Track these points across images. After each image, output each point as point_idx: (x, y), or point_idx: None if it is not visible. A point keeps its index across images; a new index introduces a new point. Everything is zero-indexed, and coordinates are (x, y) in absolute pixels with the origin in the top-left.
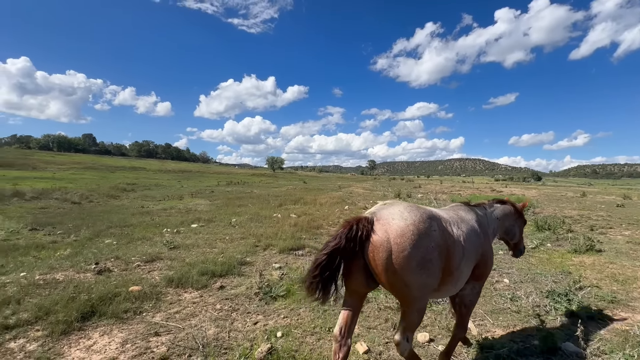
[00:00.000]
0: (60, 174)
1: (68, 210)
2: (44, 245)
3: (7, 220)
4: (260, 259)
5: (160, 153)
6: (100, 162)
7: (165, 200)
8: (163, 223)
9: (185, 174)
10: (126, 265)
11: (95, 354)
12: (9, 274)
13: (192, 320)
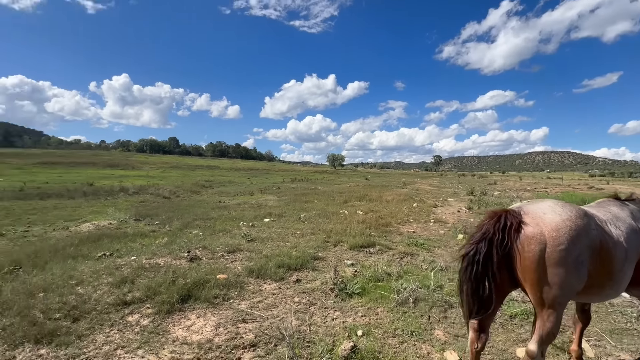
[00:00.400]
0: (153, 172)
1: (161, 204)
2: (146, 233)
3: (117, 211)
4: (332, 254)
5: (231, 152)
6: (182, 162)
7: (238, 195)
8: (239, 217)
9: (253, 171)
10: (212, 255)
11: (194, 334)
12: (122, 257)
13: (273, 310)
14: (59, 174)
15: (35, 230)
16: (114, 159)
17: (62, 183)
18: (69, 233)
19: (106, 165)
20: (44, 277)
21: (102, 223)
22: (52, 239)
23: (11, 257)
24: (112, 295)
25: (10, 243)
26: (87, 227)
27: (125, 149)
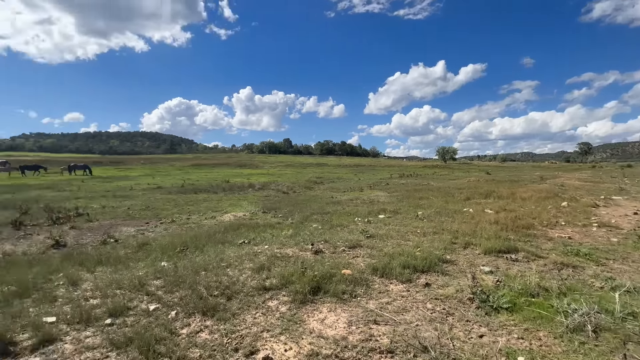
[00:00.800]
0: (272, 170)
1: (281, 199)
2: (273, 225)
3: (249, 204)
4: (462, 258)
5: (337, 150)
6: (295, 161)
7: (349, 191)
8: (353, 212)
9: (359, 167)
10: (334, 249)
11: (328, 328)
12: (258, 245)
13: (405, 315)
14: (205, 173)
15: (194, 219)
16: (242, 159)
17: (207, 180)
18: (215, 222)
19: (237, 165)
20: (203, 258)
21: (238, 214)
22: (204, 226)
23: (181, 239)
24: (254, 280)
25: (178, 228)
26: (228, 218)
27: (250, 150)
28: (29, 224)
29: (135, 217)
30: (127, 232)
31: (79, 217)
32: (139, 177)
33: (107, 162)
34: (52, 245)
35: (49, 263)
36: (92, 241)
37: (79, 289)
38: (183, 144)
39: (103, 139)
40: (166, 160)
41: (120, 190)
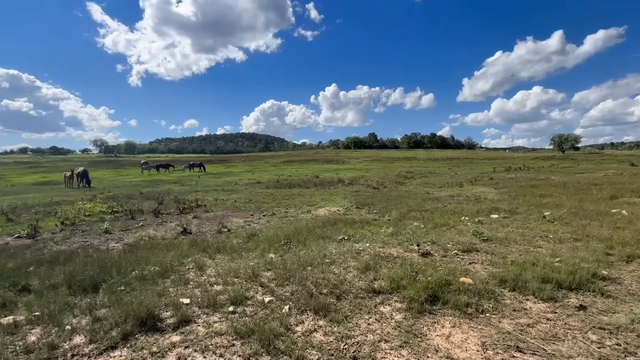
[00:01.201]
0: (359, 165)
1: (372, 194)
2: (369, 221)
3: (341, 199)
4: (628, 275)
5: (426, 143)
6: (380, 155)
7: (446, 187)
8: (458, 210)
9: (453, 161)
10: (445, 252)
11: (456, 348)
12: (358, 242)
13: (558, 345)
14: (296, 168)
15: (291, 212)
16: (328, 155)
17: (298, 176)
18: (312, 216)
19: (324, 160)
20: (307, 252)
21: (332, 209)
22: (302, 220)
23: (284, 232)
24: (360, 280)
25: (279, 221)
26: (323, 212)
27: (335, 146)
28: (164, 212)
29: (241, 209)
30: (237, 223)
31: (198, 207)
32: (241, 173)
33: (216, 160)
34: (181, 232)
35: (180, 248)
36: (209, 230)
37: (204, 274)
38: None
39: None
40: (262, 157)
41: (227, 185)
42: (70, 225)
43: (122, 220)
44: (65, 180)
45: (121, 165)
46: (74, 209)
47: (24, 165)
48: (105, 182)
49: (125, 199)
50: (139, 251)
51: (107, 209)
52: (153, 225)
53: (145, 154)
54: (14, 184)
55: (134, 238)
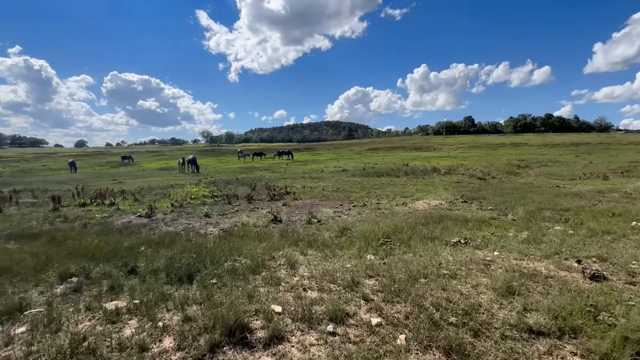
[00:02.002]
0: (453, 153)
1: (479, 186)
2: (487, 220)
3: (442, 191)
4: None
5: (539, 126)
6: (479, 141)
7: (581, 179)
8: (619, 212)
9: (580, 147)
10: (629, 276)
11: None
12: (480, 248)
13: None
14: (382, 156)
15: (384, 204)
16: (417, 142)
17: (385, 164)
18: (408, 209)
19: (412, 148)
20: (415, 257)
21: (432, 202)
22: (397, 213)
23: (380, 228)
24: (503, 308)
25: (371, 213)
26: (422, 206)
27: (424, 132)
28: (256, 198)
29: (330, 197)
30: (326, 213)
31: (287, 194)
32: (326, 160)
33: (302, 148)
34: (271, 220)
35: (271, 239)
36: (299, 219)
37: (296, 274)
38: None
39: (298, 130)
40: (346, 145)
41: (314, 173)
42: (179, 207)
43: (220, 204)
44: (179, 166)
45: (222, 153)
46: (183, 192)
47: (152, 154)
48: (209, 169)
49: (224, 184)
50: (233, 239)
51: (209, 193)
52: (246, 211)
53: (241, 144)
54: (144, 169)
55: (229, 223)
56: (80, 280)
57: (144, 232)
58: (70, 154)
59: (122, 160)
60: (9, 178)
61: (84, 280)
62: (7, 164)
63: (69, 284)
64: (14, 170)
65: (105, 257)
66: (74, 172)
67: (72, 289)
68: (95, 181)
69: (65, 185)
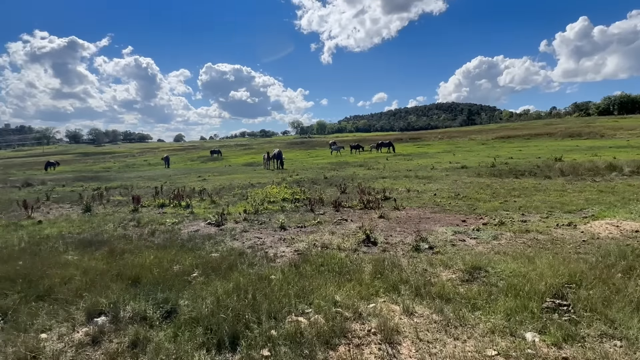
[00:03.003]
0: (634, 140)
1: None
2: None
3: (637, 204)
4: None
5: None
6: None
7: None
8: None
9: None
10: None
11: None
12: None
13: None
14: (518, 147)
15: (533, 222)
16: (571, 126)
17: (525, 158)
18: (581, 235)
19: (565, 135)
20: (624, 351)
21: (624, 225)
22: (564, 242)
23: (542, 273)
24: None
25: (516, 237)
26: (606, 230)
27: (583, 112)
28: (346, 204)
29: (445, 208)
30: (442, 234)
31: (386, 201)
32: (438, 154)
33: (406, 139)
34: (362, 241)
35: (359, 275)
36: (401, 242)
37: (396, 357)
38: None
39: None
40: (464, 133)
41: (422, 170)
42: (253, 213)
43: (300, 211)
44: (264, 162)
45: (312, 145)
46: (262, 193)
47: (240, 147)
48: (296, 164)
49: (309, 183)
50: (306, 269)
51: (290, 195)
52: (331, 224)
53: (334, 134)
54: (231, 164)
55: (306, 242)
56: (104, 323)
57: (206, 246)
58: (169, 149)
59: (211, 155)
60: (114, 173)
61: (108, 325)
62: (117, 159)
63: (92, 326)
64: (121, 165)
65: (149, 285)
66: (167, 167)
67: (91, 337)
68: (182, 178)
69: (155, 181)
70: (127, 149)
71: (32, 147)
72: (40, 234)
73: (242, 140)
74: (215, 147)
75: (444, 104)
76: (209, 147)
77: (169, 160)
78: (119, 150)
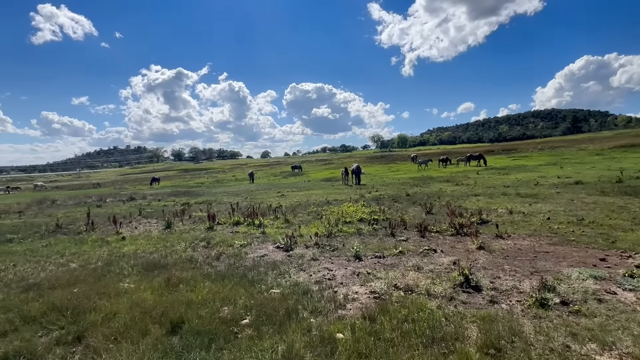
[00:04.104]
0: None
1: None
2: None
3: None
4: None
5: None
6: None
7: None
8: None
9: None
10: None
11: None
12: None
13: None
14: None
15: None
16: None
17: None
18: None
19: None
20: None
21: None
22: None
23: None
24: None
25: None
26: None
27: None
28: (433, 229)
29: (569, 238)
30: (576, 279)
31: (483, 225)
32: (540, 167)
33: (498, 150)
34: (459, 284)
35: (463, 344)
36: (515, 287)
37: None
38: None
39: (492, 126)
40: (571, 142)
41: (522, 186)
42: (326, 236)
43: (379, 235)
44: (342, 177)
45: (393, 160)
46: (338, 212)
47: (321, 163)
48: (376, 179)
49: (390, 201)
50: (383, 329)
51: (368, 215)
52: (416, 255)
53: (415, 147)
54: (310, 179)
55: (385, 280)
56: None
57: (269, 278)
58: (255, 165)
59: (292, 170)
60: (204, 188)
61: None
62: (211, 174)
63: None
64: (212, 180)
65: (188, 334)
66: (251, 182)
67: None
68: (262, 193)
69: (237, 197)
70: (220, 165)
71: (146, 165)
72: (119, 251)
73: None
74: (297, 163)
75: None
76: (292, 162)
77: (253, 176)
78: (214, 166)
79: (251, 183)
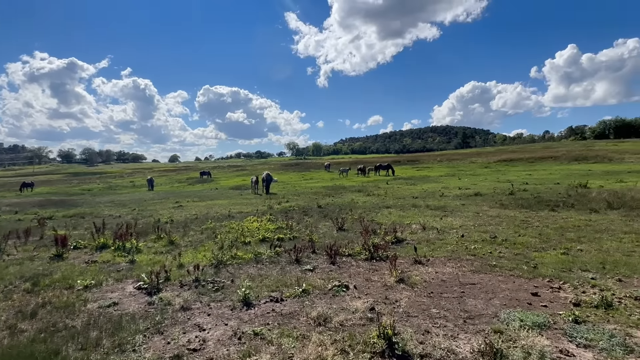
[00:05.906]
0: None
1: None
2: None
3: None
4: None
5: None
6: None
7: None
8: None
9: None
10: None
11: None
12: None
13: None
14: (526, 171)
15: (626, 300)
16: (572, 149)
17: (541, 183)
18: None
19: (570, 158)
20: None
21: None
22: None
23: None
24: None
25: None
26: None
27: (579, 136)
28: (345, 252)
29: (490, 262)
30: (519, 328)
31: (398, 245)
32: (441, 177)
33: (404, 161)
34: (381, 353)
35: None
36: (450, 349)
37: None
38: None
39: (397, 138)
40: (464, 155)
41: (430, 197)
42: (215, 266)
43: (281, 263)
44: (252, 185)
45: (307, 167)
46: (238, 228)
47: (233, 169)
48: (288, 188)
49: (300, 214)
50: None
51: (272, 233)
52: (322, 296)
53: (329, 156)
54: (218, 187)
55: (276, 349)
56: None
57: (99, 353)
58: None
59: (200, 176)
60: (88, 197)
61: None
62: (104, 179)
63: None
64: (104, 187)
65: None
66: (150, 189)
67: None
68: (157, 203)
69: (124, 207)
70: (120, 170)
71: (23, 167)
72: None
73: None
74: (206, 169)
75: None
76: (202, 168)
77: (152, 183)
78: (111, 170)
79: (150, 190)
